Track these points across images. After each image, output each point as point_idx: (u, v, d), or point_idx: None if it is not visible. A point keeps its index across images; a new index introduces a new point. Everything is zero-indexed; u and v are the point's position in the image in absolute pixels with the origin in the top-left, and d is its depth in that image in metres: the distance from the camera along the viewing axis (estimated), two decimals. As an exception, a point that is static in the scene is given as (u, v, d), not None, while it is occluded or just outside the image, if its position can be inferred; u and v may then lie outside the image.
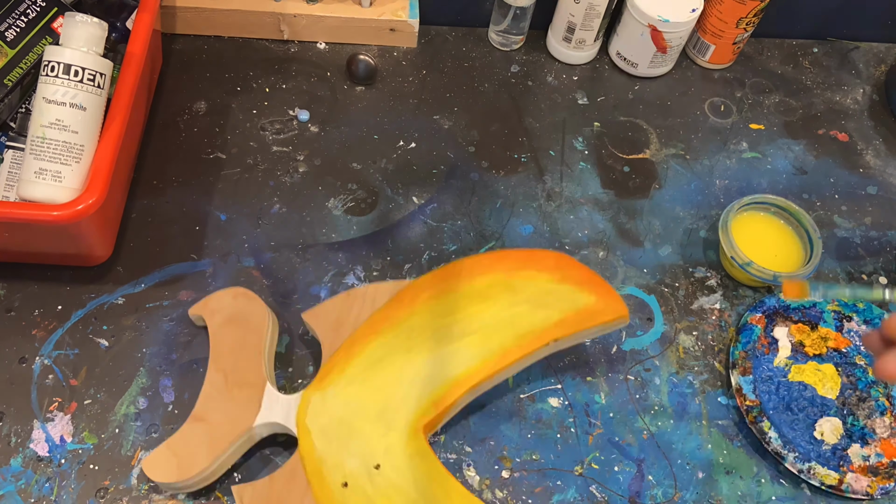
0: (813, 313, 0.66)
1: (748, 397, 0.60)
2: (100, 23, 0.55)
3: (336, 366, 0.54)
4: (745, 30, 0.79)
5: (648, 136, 0.77)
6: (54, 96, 0.53)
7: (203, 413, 0.53)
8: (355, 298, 0.57)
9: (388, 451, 0.51)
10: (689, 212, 0.72)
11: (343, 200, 0.69)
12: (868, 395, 0.63)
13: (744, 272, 0.64)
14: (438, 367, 0.54)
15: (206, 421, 0.52)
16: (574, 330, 0.55)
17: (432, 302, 0.56)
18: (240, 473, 0.55)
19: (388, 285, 0.58)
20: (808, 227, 0.67)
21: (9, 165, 0.59)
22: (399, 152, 0.72)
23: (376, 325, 0.56)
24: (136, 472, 0.54)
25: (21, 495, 0.52)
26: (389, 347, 0.55)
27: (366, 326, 0.56)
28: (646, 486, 0.57)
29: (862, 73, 0.86)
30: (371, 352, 0.55)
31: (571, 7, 0.76)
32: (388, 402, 0.53)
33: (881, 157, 0.79)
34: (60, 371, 0.57)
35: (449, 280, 0.57)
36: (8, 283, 0.60)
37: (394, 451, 0.51)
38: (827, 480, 0.57)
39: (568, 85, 0.80)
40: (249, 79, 0.75)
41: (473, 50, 0.81)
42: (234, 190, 0.68)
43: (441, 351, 0.54)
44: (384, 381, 0.54)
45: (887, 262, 0.72)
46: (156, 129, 0.70)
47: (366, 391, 0.53)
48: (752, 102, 0.82)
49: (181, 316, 0.61)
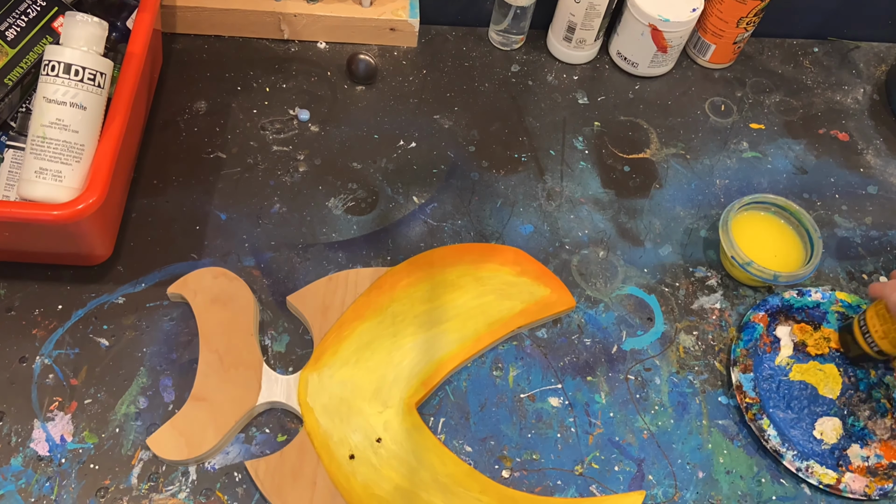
0: (816, 314, 0.66)
1: (748, 394, 0.60)
2: (100, 22, 0.55)
3: (329, 348, 0.59)
4: (746, 29, 0.79)
5: (649, 135, 0.77)
6: (55, 96, 0.53)
7: (203, 393, 0.56)
8: (338, 283, 0.62)
9: (386, 427, 0.56)
10: (689, 211, 0.72)
11: (343, 200, 0.69)
12: (869, 396, 0.63)
13: (744, 272, 0.64)
14: (424, 350, 0.60)
15: (207, 400, 0.56)
16: (534, 319, 0.63)
17: (410, 289, 0.62)
18: (240, 473, 0.55)
19: (367, 271, 0.63)
20: (808, 226, 0.67)
21: (9, 165, 0.59)
22: (399, 152, 0.72)
23: (361, 309, 0.61)
24: (137, 472, 0.54)
25: (21, 495, 0.52)
26: (376, 331, 0.60)
27: (352, 311, 0.60)
28: (646, 486, 0.57)
29: (862, 72, 0.86)
30: (359, 335, 0.59)
31: (572, 7, 0.76)
32: (382, 383, 0.58)
33: (881, 157, 0.79)
34: (61, 370, 0.57)
35: (423, 269, 0.63)
36: (8, 283, 0.60)
37: (392, 426, 0.56)
38: (825, 479, 0.57)
39: (568, 84, 0.80)
40: (249, 78, 0.75)
41: (474, 49, 0.81)
42: (234, 189, 0.68)
43: (424, 336, 0.60)
44: (376, 363, 0.59)
45: (888, 261, 0.72)
46: (156, 129, 0.70)
47: (359, 372, 0.58)
48: (753, 102, 0.82)
49: (181, 315, 0.61)
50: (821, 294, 0.66)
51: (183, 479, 0.54)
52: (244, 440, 0.56)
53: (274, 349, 0.60)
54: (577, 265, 0.68)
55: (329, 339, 0.59)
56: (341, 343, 0.59)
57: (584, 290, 0.66)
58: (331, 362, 0.58)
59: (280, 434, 0.57)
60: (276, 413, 0.57)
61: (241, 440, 0.56)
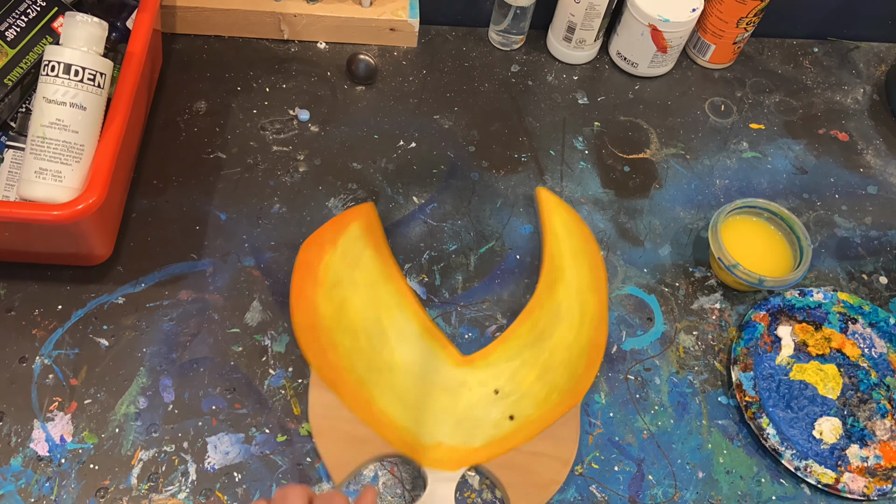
0: (818, 314, 0.66)
1: (748, 393, 0.60)
2: (100, 22, 0.55)
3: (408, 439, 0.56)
4: (746, 29, 0.79)
5: (648, 135, 0.77)
6: (54, 96, 0.53)
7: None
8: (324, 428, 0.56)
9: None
10: (689, 211, 0.72)
11: (343, 200, 0.69)
12: (870, 397, 0.63)
13: (730, 274, 0.64)
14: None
15: None
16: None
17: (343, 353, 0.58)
18: (239, 473, 0.55)
19: (312, 393, 0.57)
20: (799, 233, 0.66)
21: (9, 165, 0.59)
22: (399, 152, 0.72)
23: (363, 403, 0.57)
24: (136, 472, 0.54)
25: (21, 495, 0.52)
26: (391, 391, 0.57)
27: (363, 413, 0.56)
28: (646, 486, 0.57)
29: (862, 72, 0.86)
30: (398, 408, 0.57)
31: (572, 7, 0.76)
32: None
33: (881, 157, 0.79)
34: (60, 371, 0.57)
35: (315, 329, 0.58)
36: (8, 283, 0.60)
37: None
38: (823, 479, 0.57)
39: (568, 85, 0.80)
40: (249, 78, 0.75)
41: (474, 50, 0.81)
42: (234, 190, 0.68)
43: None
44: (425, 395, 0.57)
45: (887, 261, 0.72)
46: (156, 129, 0.71)
47: (438, 410, 0.57)
48: (753, 102, 0.82)
49: (181, 316, 0.61)
50: (822, 294, 0.66)
51: (183, 480, 0.54)
52: (244, 440, 0.56)
53: (274, 349, 0.60)
54: (576, 265, 0.68)
55: (395, 438, 0.56)
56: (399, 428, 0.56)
57: (583, 290, 0.66)
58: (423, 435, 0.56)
59: (280, 434, 0.57)
60: (275, 413, 0.57)
61: (241, 440, 0.56)
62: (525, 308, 0.62)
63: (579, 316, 0.61)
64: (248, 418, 0.57)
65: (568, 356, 0.59)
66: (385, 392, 0.57)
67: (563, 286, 0.62)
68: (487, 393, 0.57)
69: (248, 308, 0.62)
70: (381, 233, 0.64)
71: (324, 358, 0.57)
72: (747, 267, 0.63)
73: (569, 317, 0.60)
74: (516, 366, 0.59)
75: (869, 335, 0.65)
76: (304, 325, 0.58)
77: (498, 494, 0.56)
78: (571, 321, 0.60)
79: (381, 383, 0.57)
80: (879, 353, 0.65)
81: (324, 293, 0.59)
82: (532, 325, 0.61)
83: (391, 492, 0.55)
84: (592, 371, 0.59)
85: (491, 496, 0.56)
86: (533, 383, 0.58)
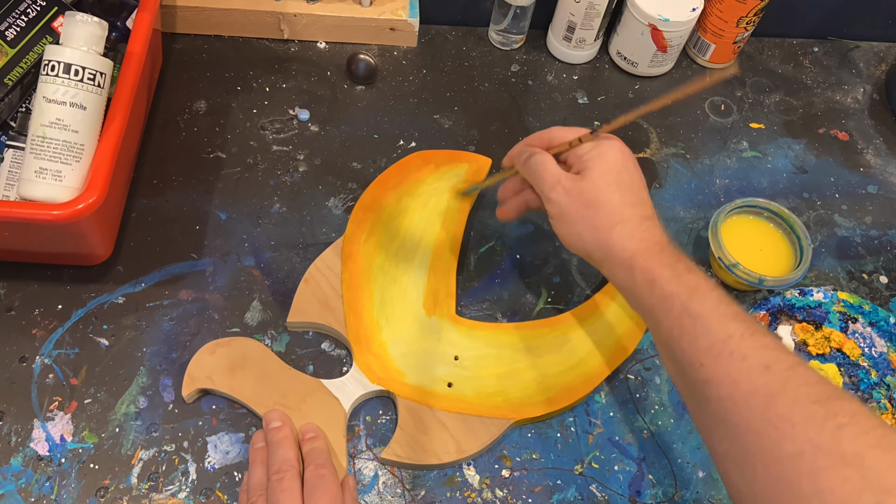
0: (818, 313, 0.66)
1: (749, 396, 0.60)
2: (100, 22, 0.55)
3: (362, 330, 0.60)
4: (746, 29, 0.79)
5: (648, 135, 0.77)
6: (54, 95, 0.53)
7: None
8: (315, 277, 0.62)
9: (454, 343, 0.60)
10: (689, 211, 0.72)
11: (343, 200, 0.69)
12: (870, 396, 0.63)
13: (730, 274, 0.64)
14: (421, 272, 0.63)
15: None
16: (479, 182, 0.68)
17: (372, 240, 0.64)
18: (239, 473, 0.55)
19: (327, 252, 0.63)
20: (799, 233, 0.66)
21: (9, 165, 0.59)
22: (399, 152, 0.72)
23: (354, 284, 0.62)
24: (136, 472, 0.54)
25: (21, 494, 0.52)
26: (384, 290, 0.62)
27: (348, 290, 0.61)
28: (646, 486, 0.57)
29: (862, 72, 0.86)
30: (372, 304, 0.61)
31: (571, 6, 0.76)
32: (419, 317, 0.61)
33: (881, 157, 0.79)
34: (61, 370, 0.57)
35: (368, 217, 0.65)
36: (8, 283, 0.60)
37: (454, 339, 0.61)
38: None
39: (568, 84, 0.80)
40: (249, 78, 0.75)
41: (473, 49, 0.81)
42: (234, 189, 0.68)
43: (412, 263, 0.63)
44: (402, 312, 0.61)
45: (888, 260, 0.72)
46: (156, 128, 0.71)
47: (400, 330, 0.60)
48: (753, 102, 0.82)
49: (181, 315, 0.61)
50: (822, 294, 0.66)
51: (183, 479, 0.54)
52: (244, 440, 0.56)
53: (274, 349, 0.60)
54: (577, 265, 0.67)
55: (352, 324, 0.60)
56: (363, 318, 0.60)
57: (584, 289, 0.66)
58: (374, 337, 0.60)
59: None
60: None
61: (240, 440, 0.56)
62: (546, 319, 0.63)
63: (576, 363, 0.60)
64: (248, 418, 0.57)
65: (538, 383, 0.59)
66: (376, 291, 0.61)
67: (583, 333, 0.62)
68: (448, 353, 0.60)
69: (248, 308, 0.62)
70: (474, 195, 0.68)
71: (357, 234, 0.63)
72: (747, 266, 0.63)
73: (567, 356, 0.60)
74: (490, 353, 0.60)
75: (869, 334, 0.65)
76: (366, 202, 0.65)
77: (498, 494, 0.56)
78: (564, 361, 0.60)
79: (380, 284, 0.62)
80: (879, 352, 0.65)
81: (398, 193, 0.66)
82: (535, 335, 0.61)
83: (391, 491, 0.55)
84: (547, 408, 0.58)
85: (491, 496, 0.56)
86: (489, 376, 0.59)
